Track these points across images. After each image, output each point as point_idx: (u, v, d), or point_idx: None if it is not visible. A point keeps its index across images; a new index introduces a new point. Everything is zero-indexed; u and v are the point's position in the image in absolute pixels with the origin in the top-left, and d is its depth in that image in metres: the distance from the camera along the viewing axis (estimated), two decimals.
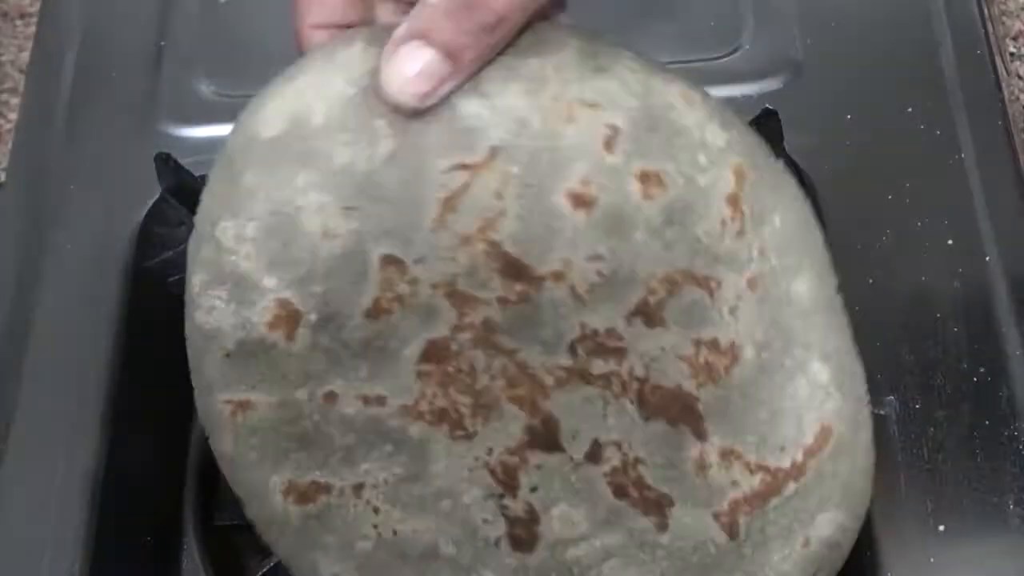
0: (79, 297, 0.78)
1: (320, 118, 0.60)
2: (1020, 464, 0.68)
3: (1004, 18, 0.89)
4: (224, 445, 0.64)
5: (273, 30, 0.89)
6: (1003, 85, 0.81)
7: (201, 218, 0.63)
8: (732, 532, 0.62)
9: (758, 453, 0.62)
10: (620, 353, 0.61)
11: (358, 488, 0.62)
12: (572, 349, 0.61)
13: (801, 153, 0.79)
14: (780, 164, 0.65)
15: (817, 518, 0.62)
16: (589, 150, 0.60)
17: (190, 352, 0.64)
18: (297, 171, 0.60)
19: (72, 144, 0.84)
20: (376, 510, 0.62)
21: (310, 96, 0.61)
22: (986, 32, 0.83)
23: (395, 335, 0.61)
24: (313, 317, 0.61)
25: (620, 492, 0.62)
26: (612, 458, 0.61)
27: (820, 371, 0.63)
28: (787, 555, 0.62)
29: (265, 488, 0.63)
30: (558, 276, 0.60)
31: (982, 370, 0.71)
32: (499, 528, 0.62)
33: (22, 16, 0.96)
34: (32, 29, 0.92)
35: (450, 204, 0.60)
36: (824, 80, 0.83)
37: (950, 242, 0.76)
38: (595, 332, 0.61)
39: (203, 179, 0.79)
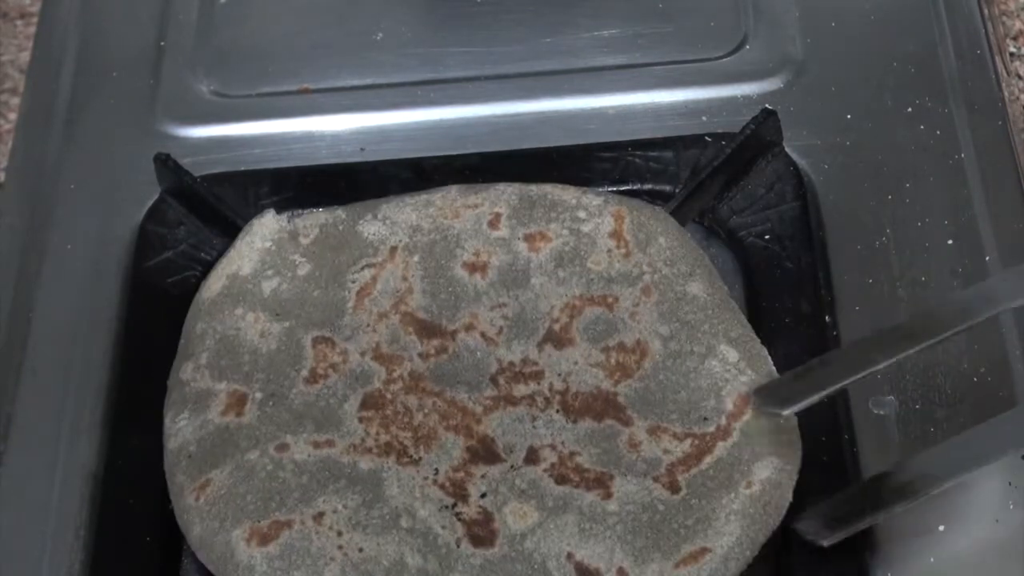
0: (79, 297, 0.78)
1: (247, 269, 0.75)
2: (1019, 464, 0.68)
3: (1004, 18, 0.89)
4: (194, 530, 0.68)
5: (273, 30, 0.89)
6: (1003, 85, 0.81)
7: (170, 375, 0.73)
8: (674, 488, 0.67)
9: (683, 424, 0.69)
10: (538, 376, 0.71)
11: (319, 517, 0.67)
12: (494, 381, 0.71)
13: (801, 153, 0.80)
14: (658, 209, 0.76)
15: (754, 466, 0.67)
16: (477, 230, 0.75)
17: (168, 481, 0.70)
18: (234, 307, 0.74)
19: (72, 144, 0.84)
20: (339, 533, 0.66)
21: (237, 258, 0.76)
22: (986, 32, 0.83)
23: (334, 395, 0.71)
24: (259, 395, 0.71)
25: (562, 480, 0.68)
26: (549, 457, 0.69)
27: (728, 352, 0.71)
28: (734, 497, 0.66)
29: (230, 548, 0.67)
30: (468, 327, 0.73)
31: (982, 370, 0.71)
32: (457, 531, 0.67)
33: (22, 16, 0.96)
34: (32, 29, 0.92)
35: (365, 292, 0.74)
36: (824, 80, 0.83)
37: (950, 242, 0.76)
38: (512, 364, 0.72)
39: (203, 179, 0.80)
